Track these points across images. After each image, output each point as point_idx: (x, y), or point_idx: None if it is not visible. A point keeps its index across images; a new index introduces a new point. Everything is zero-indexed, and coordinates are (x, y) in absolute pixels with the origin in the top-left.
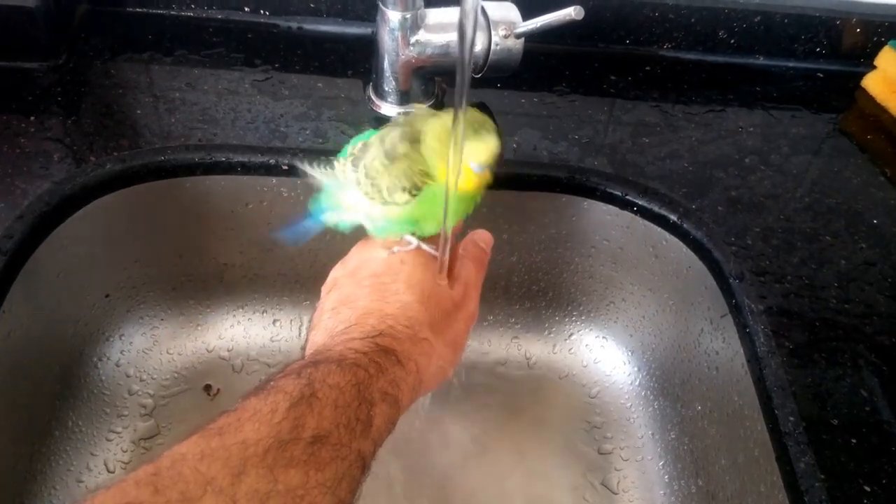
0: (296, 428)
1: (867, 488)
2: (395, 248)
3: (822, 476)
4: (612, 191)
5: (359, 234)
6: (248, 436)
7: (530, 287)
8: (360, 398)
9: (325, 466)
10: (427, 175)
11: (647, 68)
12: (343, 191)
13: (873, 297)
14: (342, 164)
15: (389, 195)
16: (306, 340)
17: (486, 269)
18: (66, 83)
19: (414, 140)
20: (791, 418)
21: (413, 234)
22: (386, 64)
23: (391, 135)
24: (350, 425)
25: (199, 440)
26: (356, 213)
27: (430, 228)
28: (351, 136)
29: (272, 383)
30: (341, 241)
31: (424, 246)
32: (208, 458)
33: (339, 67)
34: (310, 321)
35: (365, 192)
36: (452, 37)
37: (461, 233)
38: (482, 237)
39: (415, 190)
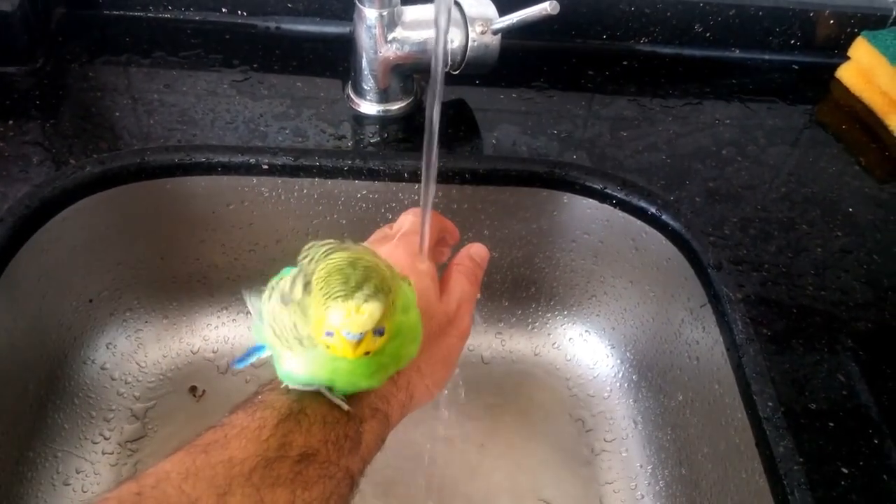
0: (283, 446)
1: (844, 470)
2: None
3: (801, 460)
4: (591, 184)
5: None
6: (235, 454)
7: (512, 282)
8: (349, 414)
9: (313, 485)
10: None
11: (625, 63)
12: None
13: (849, 284)
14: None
15: (286, 343)
16: None
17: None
18: (43, 87)
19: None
20: (770, 404)
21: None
22: (364, 62)
23: (293, 274)
24: (339, 443)
25: (184, 457)
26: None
27: (340, 385)
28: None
29: (260, 397)
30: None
31: (329, 395)
32: (193, 477)
33: (317, 66)
34: None
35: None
36: (429, 33)
37: (456, 245)
38: (477, 251)
39: (306, 342)
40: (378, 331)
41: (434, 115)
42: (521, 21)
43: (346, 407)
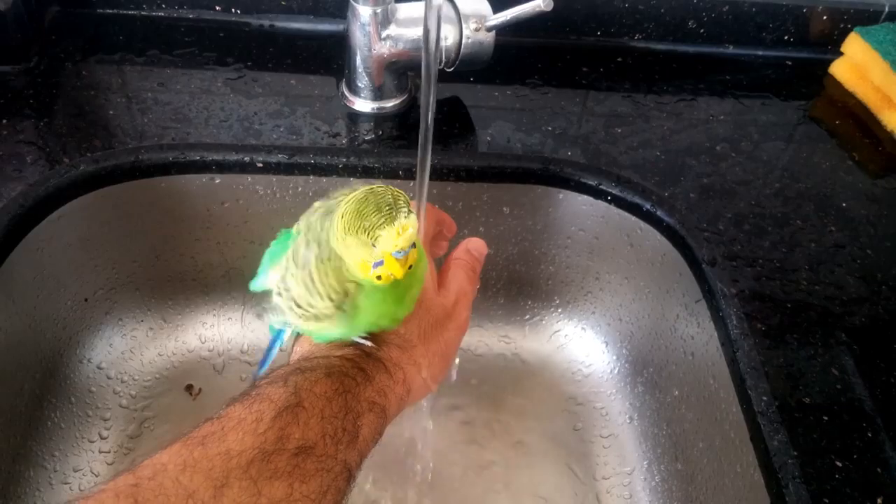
0: (281, 439)
1: (839, 463)
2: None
3: (795, 453)
4: (586, 181)
5: None
6: (232, 446)
7: (507, 279)
8: (346, 408)
9: (310, 478)
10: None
11: (619, 59)
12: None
13: (843, 279)
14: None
15: (310, 310)
16: (292, 346)
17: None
18: (37, 85)
19: (320, 240)
20: (764, 398)
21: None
22: (358, 60)
23: (297, 242)
24: (336, 436)
25: (181, 449)
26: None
27: (385, 324)
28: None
29: (257, 390)
30: None
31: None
32: (190, 469)
33: (311, 64)
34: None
35: (291, 312)
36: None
37: (453, 239)
38: (475, 245)
39: (340, 297)
40: (412, 244)
41: (429, 108)
42: (515, 18)
43: (369, 344)
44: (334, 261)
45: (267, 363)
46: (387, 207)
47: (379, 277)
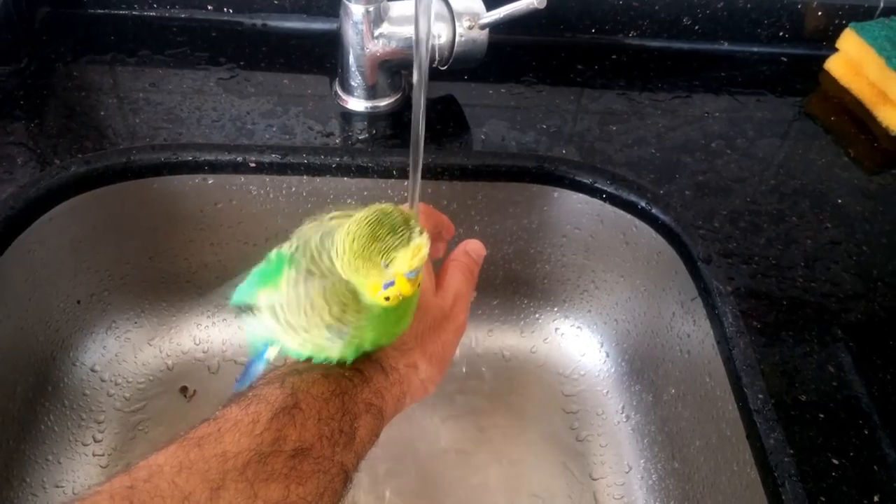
0: (277, 440)
1: (835, 461)
2: None
3: (791, 451)
4: (581, 179)
5: None
6: (228, 448)
7: (503, 278)
8: (343, 409)
9: (307, 480)
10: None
11: (613, 57)
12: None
13: (839, 276)
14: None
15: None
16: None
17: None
18: (28, 86)
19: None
20: (760, 396)
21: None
22: (351, 58)
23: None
24: (333, 438)
25: (177, 450)
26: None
27: (384, 341)
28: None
29: (254, 391)
30: None
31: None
32: (186, 470)
33: (304, 63)
34: None
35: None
36: None
37: (451, 240)
38: (474, 248)
39: (339, 326)
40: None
41: (420, 107)
42: (508, 15)
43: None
44: (339, 286)
45: (247, 379)
46: (400, 228)
47: (387, 298)
